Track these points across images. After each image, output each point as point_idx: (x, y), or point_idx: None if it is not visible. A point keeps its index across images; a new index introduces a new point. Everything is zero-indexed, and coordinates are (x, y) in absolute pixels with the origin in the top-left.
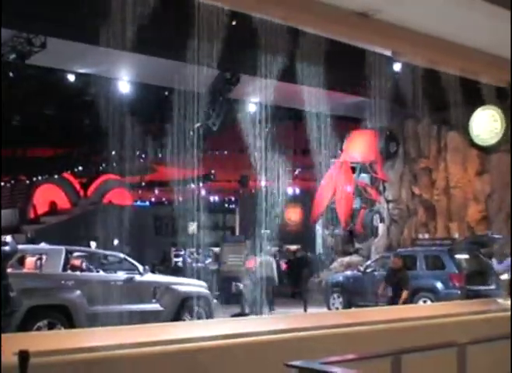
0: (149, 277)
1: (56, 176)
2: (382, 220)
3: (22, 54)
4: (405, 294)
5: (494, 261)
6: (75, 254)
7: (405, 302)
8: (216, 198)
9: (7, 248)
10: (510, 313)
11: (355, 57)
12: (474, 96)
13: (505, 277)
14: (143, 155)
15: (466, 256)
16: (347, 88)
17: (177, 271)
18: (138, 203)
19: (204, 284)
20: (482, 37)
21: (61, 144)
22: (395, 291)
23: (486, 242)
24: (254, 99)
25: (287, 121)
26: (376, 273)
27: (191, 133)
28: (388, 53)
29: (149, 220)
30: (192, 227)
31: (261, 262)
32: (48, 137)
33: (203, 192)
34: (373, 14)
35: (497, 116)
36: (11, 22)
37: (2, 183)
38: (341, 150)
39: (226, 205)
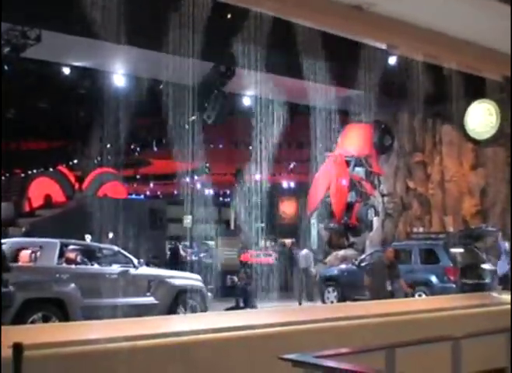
0: (144, 270)
1: (51, 169)
2: (377, 214)
3: (16, 47)
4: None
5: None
6: (70, 247)
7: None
8: (211, 191)
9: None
10: (505, 307)
11: (349, 49)
12: (469, 90)
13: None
14: (138, 149)
15: (461, 250)
16: (341, 82)
17: (171, 264)
18: (133, 196)
19: (198, 277)
20: (479, 31)
21: (56, 138)
22: (392, 283)
23: (481, 235)
24: (249, 92)
25: (282, 115)
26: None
27: (186, 126)
28: (383, 46)
29: (143, 213)
30: (187, 220)
31: (302, 255)
32: (43, 131)
33: (198, 185)
34: (367, 7)
35: (492, 110)
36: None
37: None
38: (336, 143)
39: (221, 199)
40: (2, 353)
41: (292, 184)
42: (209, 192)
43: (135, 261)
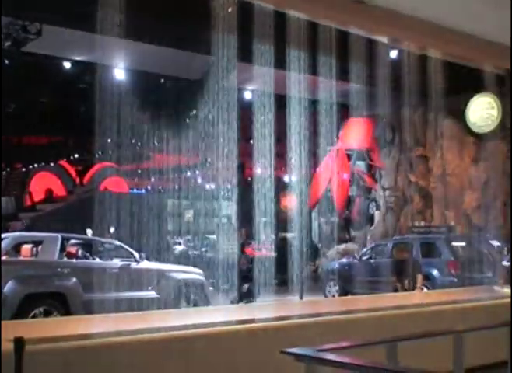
0: (145, 264)
1: (52, 164)
2: (378, 207)
3: (17, 42)
4: (419, 277)
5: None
6: (71, 241)
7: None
8: (212, 186)
9: None
10: (506, 301)
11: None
12: (471, 83)
13: None
14: (139, 143)
15: (462, 244)
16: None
17: (173, 258)
18: (135, 190)
19: (200, 271)
20: (481, 24)
21: (57, 132)
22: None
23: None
24: (250, 86)
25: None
26: (372, 260)
27: (187, 120)
28: (384, 39)
29: (144, 207)
30: (188, 215)
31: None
32: (44, 125)
33: (199, 179)
34: (368, 0)
35: (494, 104)
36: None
37: None
38: (338, 137)
39: (222, 192)
40: (4, 347)
41: (294, 178)
42: (210, 186)
43: (137, 255)
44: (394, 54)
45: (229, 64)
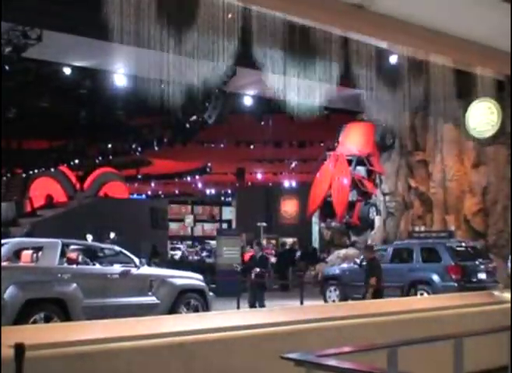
0: (145, 269)
1: (52, 169)
2: (378, 212)
3: (17, 47)
4: (372, 280)
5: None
6: (72, 247)
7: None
8: (213, 191)
9: None
10: (506, 306)
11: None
12: (470, 88)
13: None
14: (139, 148)
15: (462, 249)
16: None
17: (173, 264)
18: (135, 196)
19: (200, 276)
20: (480, 29)
21: (58, 137)
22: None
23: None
24: (250, 91)
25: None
26: None
27: (187, 125)
28: (384, 44)
29: (145, 213)
30: (188, 220)
31: None
32: (44, 130)
33: (199, 185)
34: (368, 5)
35: (494, 109)
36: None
37: None
38: (338, 142)
39: (222, 198)
40: (4, 353)
41: (294, 183)
42: (210, 191)
43: (137, 261)
44: (393, 58)
45: None
